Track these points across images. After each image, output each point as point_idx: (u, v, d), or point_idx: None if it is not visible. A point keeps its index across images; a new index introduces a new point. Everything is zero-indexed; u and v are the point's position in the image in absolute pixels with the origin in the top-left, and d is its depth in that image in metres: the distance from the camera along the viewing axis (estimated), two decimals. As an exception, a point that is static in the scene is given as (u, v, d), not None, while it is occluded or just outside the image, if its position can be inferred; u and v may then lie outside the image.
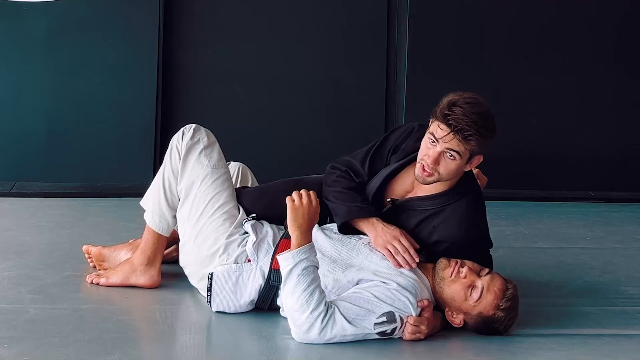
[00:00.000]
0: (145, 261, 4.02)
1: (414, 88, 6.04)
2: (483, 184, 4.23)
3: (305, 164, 5.63)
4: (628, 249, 5.04)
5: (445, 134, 3.62)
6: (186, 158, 3.98)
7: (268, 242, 3.81)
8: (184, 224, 3.95)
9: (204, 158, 3.98)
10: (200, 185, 3.95)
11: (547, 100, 6.14)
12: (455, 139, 3.62)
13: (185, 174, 3.97)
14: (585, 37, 6.11)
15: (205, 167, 3.97)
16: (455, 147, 3.63)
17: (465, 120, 3.59)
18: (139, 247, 4.05)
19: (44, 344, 3.46)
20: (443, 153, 3.64)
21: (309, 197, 3.57)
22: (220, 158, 4.03)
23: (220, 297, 3.79)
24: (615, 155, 6.17)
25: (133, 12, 5.85)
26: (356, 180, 3.91)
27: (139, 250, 4.03)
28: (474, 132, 3.60)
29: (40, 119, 5.83)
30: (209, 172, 3.97)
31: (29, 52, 5.80)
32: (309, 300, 3.49)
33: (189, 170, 3.97)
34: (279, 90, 6.05)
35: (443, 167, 3.67)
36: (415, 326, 3.58)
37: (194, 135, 4.01)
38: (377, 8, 6.05)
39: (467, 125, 3.59)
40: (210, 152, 4.00)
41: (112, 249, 4.24)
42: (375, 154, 3.94)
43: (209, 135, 4.05)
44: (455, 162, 3.66)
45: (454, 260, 3.67)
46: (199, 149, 3.99)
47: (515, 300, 3.65)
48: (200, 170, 3.96)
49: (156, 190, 4.02)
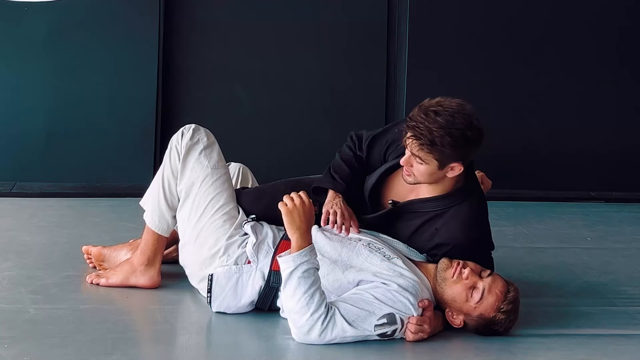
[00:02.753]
0: (145, 261, 4.02)
1: (414, 88, 6.04)
2: (487, 187, 4.23)
3: (304, 165, 5.63)
4: (628, 249, 5.04)
5: (407, 137, 3.63)
6: (186, 158, 3.98)
7: (268, 243, 3.81)
8: (184, 224, 3.95)
9: (203, 158, 3.98)
10: (200, 186, 3.94)
11: (547, 100, 6.14)
12: (416, 145, 3.61)
13: (185, 175, 3.97)
14: (585, 37, 6.11)
15: (205, 167, 3.97)
16: (417, 153, 3.63)
17: (421, 129, 3.57)
18: (138, 248, 4.04)
19: (44, 344, 3.46)
20: (412, 157, 3.65)
21: (301, 198, 3.57)
22: (220, 158, 4.03)
23: (221, 299, 3.79)
24: (615, 155, 6.17)
25: (133, 12, 5.85)
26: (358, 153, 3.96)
27: (139, 250, 4.03)
28: (428, 142, 3.57)
29: (40, 119, 5.83)
30: (209, 173, 3.96)
31: (29, 52, 5.80)
32: (310, 302, 3.48)
33: (188, 170, 3.97)
34: (278, 90, 6.05)
35: (415, 170, 3.69)
36: (418, 325, 3.58)
37: (194, 136, 4.01)
38: (377, 8, 6.05)
39: (421, 135, 3.58)
40: (210, 153, 4.00)
41: (112, 249, 4.24)
42: (374, 140, 3.96)
43: (209, 135, 4.05)
44: (424, 166, 3.65)
45: (455, 261, 3.66)
46: (199, 149, 3.99)
47: (516, 303, 3.65)
48: (200, 171, 3.96)
49: (155, 191, 4.02)
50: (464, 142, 3.60)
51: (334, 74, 6.08)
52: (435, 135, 3.56)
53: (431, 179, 3.71)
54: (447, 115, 3.58)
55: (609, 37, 6.12)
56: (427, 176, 3.69)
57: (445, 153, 3.60)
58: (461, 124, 3.59)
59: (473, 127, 3.62)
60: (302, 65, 6.05)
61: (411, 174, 3.70)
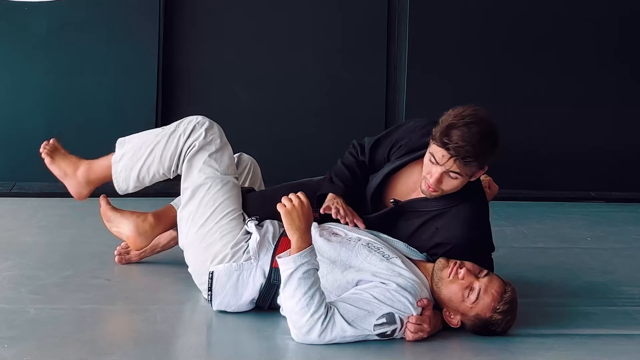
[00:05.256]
0: (86, 179, 4.12)
1: (414, 88, 6.04)
2: (495, 192, 4.23)
3: (305, 165, 5.62)
4: (628, 249, 5.04)
5: (445, 160, 3.62)
6: (194, 157, 3.94)
7: (268, 239, 3.81)
8: (187, 223, 3.91)
9: (214, 162, 3.93)
10: (208, 189, 3.90)
11: (547, 100, 6.14)
12: (455, 163, 3.62)
13: (192, 173, 3.93)
14: (585, 38, 6.11)
15: (215, 171, 3.93)
16: (457, 170, 3.64)
17: (464, 146, 3.58)
18: (89, 162, 4.14)
19: (44, 344, 3.46)
20: (445, 173, 3.65)
21: (299, 198, 3.56)
22: (231, 162, 3.99)
23: (221, 296, 3.78)
24: (615, 155, 6.17)
25: (133, 12, 5.85)
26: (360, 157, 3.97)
27: (90, 166, 4.13)
28: (474, 157, 3.60)
29: (40, 119, 5.83)
30: (219, 177, 3.92)
31: (29, 52, 5.80)
32: (310, 303, 3.48)
33: (196, 170, 3.93)
34: (278, 91, 6.05)
35: (446, 185, 3.69)
36: (418, 325, 3.58)
37: (207, 135, 3.96)
38: (377, 8, 6.05)
39: (466, 152, 3.59)
40: (221, 157, 3.95)
41: (119, 214, 4.20)
42: (378, 143, 3.97)
43: (222, 136, 3.99)
44: (459, 179, 3.67)
45: (452, 261, 3.66)
46: (211, 150, 3.94)
47: (513, 304, 3.64)
48: (210, 174, 3.92)
49: (137, 156, 4.02)
50: (495, 149, 3.66)
51: (334, 74, 6.08)
52: (478, 148, 3.58)
53: (459, 188, 3.72)
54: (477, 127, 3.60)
55: (609, 37, 6.12)
56: (458, 188, 3.71)
57: (483, 163, 3.65)
58: (490, 131, 3.64)
59: (495, 133, 3.68)
60: (302, 65, 6.05)
61: (438, 190, 3.70)
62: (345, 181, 3.92)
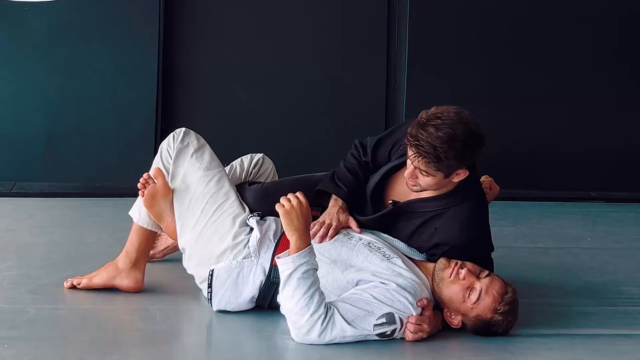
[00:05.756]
0: (130, 264, 4.00)
1: (413, 88, 6.04)
2: (495, 193, 4.23)
3: (305, 165, 5.62)
4: (628, 249, 5.04)
5: (413, 158, 3.63)
6: (176, 162, 3.98)
7: (269, 237, 3.81)
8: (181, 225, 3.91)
9: (195, 161, 3.98)
10: (195, 188, 3.92)
11: (547, 100, 6.14)
12: (421, 162, 3.62)
13: (178, 176, 3.97)
14: (585, 38, 6.11)
15: (197, 169, 3.96)
16: (424, 168, 3.63)
17: (425, 146, 3.58)
18: (123, 250, 4.03)
19: (44, 344, 3.46)
20: (416, 170, 3.65)
21: (298, 198, 3.57)
22: (212, 159, 4.01)
23: (221, 294, 3.78)
24: (615, 155, 6.17)
25: (133, 13, 5.85)
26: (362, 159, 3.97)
27: (124, 252, 4.02)
28: (434, 159, 3.58)
29: (40, 119, 5.83)
30: (202, 175, 3.95)
31: (29, 52, 5.80)
32: (309, 303, 3.48)
33: (181, 173, 3.97)
34: (279, 91, 6.05)
35: (422, 181, 3.70)
36: (418, 325, 3.58)
37: (184, 139, 4.01)
38: (377, 8, 6.05)
39: (426, 152, 3.58)
40: (201, 155, 4.00)
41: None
42: (380, 142, 3.97)
43: (199, 138, 4.05)
44: (430, 178, 3.67)
45: (453, 261, 3.66)
46: (190, 152, 3.99)
47: (514, 304, 3.64)
48: (193, 174, 3.95)
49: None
50: (467, 152, 3.62)
51: (334, 73, 6.08)
52: (440, 151, 3.57)
53: (438, 187, 3.73)
54: (447, 129, 3.58)
55: (609, 37, 6.12)
56: (434, 185, 3.71)
57: (451, 165, 3.62)
58: (462, 134, 3.60)
59: (474, 135, 3.63)
60: (302, 65, 6.05)
61: (417, 185, 3.72)
62: (348, 185, 3.92)
